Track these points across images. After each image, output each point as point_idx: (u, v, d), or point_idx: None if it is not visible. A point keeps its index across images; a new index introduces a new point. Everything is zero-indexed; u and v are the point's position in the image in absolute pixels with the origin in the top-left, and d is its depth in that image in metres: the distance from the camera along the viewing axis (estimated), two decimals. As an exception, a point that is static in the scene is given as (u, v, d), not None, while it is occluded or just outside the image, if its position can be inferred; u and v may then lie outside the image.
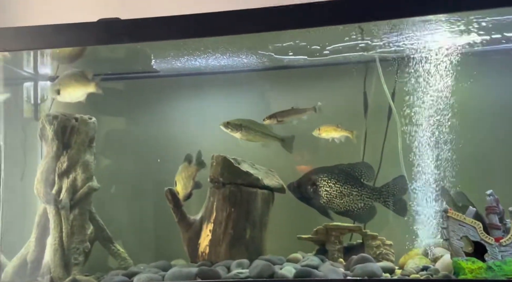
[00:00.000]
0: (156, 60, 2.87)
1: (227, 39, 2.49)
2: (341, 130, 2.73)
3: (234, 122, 2.71)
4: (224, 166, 2.55)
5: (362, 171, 2.66)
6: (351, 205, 2.65)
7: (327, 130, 2.72)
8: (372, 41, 2.58)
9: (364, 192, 2.64)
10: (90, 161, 2.68)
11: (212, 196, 2.59)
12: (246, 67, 2.97)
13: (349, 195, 2.64)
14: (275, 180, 2.69)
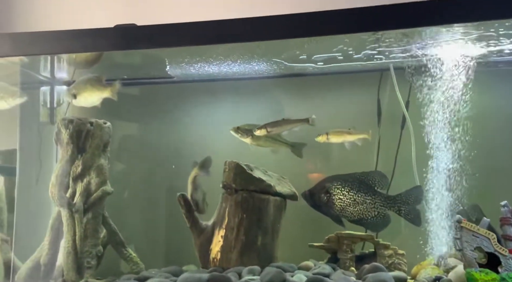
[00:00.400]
0: (171, 65, 2.88)
1: (241, 46, 2.49)
2: (355, 134, 2.68)
3: (244, 128, 2.70)
4: (236, 172, 2.54)
5: (376, 179, 2.64)
6: (365, 214, 2.64)
7: (337, 135, 2.69)
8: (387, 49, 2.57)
9: (378, 201, 2.62)
10: (104, 165, 2.68)
11: (224, 202, 2.58)
12: (259, 74, 2.98)
13: (363, 203, 2.62)
14: (288, 187, 2.67)
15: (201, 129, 3.11)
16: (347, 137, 2.69)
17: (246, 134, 2.69)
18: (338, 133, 2.69)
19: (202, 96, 3.11)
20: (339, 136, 2.69)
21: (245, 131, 2.69)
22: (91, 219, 2.61)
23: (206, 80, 3.07)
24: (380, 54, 2.63)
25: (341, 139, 2.69)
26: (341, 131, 2.69)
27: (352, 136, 2.68)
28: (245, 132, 2.69)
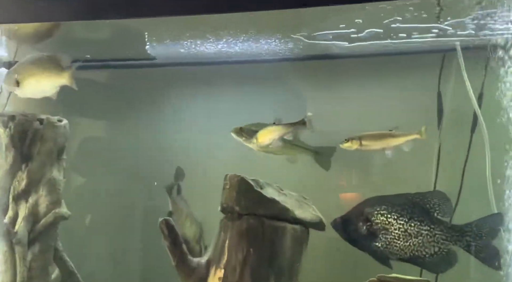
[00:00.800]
0: (152, 43, 2.86)
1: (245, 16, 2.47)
2: (400, 136, 2.65)
3: (249, 129, 2.70)
4: (240, 190, 2.39)
5: (436, 203, 2.57)
6: (420, 250, 2.56)
7: (374, 139, 2.67)
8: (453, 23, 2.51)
9: (439, 232, 2.54)
10: (58, 179, 2.64)
11: (223, 231, 2.44)
12: (271, 55, 2.97)
13: (417, 236, 2.56)
14: (311, 211, 2.53)
15: (193, 129, 3.11)
16: (390, 141, 2.67)
17: (252, 137, 2.67)
18: (376, 136, 2.67)
19: (194, 85, 3.12)
20: (377, 140, 2.67)
21: (251, 133, 2.68)
22: (39, 254, 2.58)
23: (200, 64, 3.08)
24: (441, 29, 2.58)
25: (380, 144, 2.67)
26: (379, 134, 2.67)
27: (396, 140, 2.66)
28: (251, 135, 2.68)
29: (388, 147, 2.66)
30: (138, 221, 3.08)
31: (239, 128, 2.70)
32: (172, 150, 3.13)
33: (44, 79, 2.61)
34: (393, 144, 2.66)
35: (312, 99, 3.01)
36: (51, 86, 2.62)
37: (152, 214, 2.64)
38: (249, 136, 2.68)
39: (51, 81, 2.61)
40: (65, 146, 2.67)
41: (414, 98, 2.93)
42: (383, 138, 2.67)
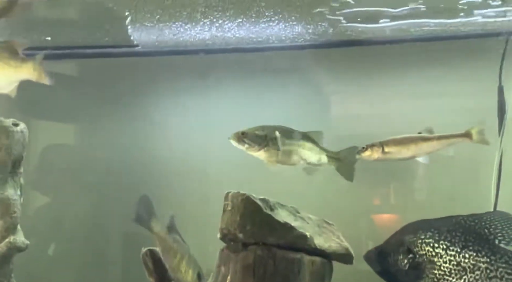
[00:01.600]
0: (135, 26, 2.87)
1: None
2: (440, 139, 2.65)
3: (253, 133, 2.70)
4: (246, 212, 2.34)
5: (497, 227, 2.54)
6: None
7: (402, 145, 2.68)
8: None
9: (503, 264, 2.49)
10: (14, 199, 2.58)
11: (224, 264, 2.39)
12: (288, 41, 2.99)
13: (474, 270, 2.51)
14: (335, 239, 2.48)
15: (185, 133, 3.17)
16: (421, 146, 2.67)
17: (258, 145, 2.67)
18: (402, 141, 2.69)
19: (187, 78, 3.15)
20: (405, 146, 2.69)
21: (256, 139, 2.68)
22: None
23: (192, 52, 3.11)
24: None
25: (411, 151, 2.69)
26: (407, 139, 2.68)
27: (429, 144, 2.67)
28: (256, 141, 2.67)
29: (419, 153, 2.67)
30: (116, 251, 3.13)
31: (240, 132, 2.69)
32: (159, 159, 3.17)
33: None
34: (425, 149, 2.66)
35: (338, 95, 3.07)
36: (7, 81, 2.58)
37: (134, 241, 2.65)
38: (254, 143, 2.69)
39: (7, 75, 2.58)
40: (23, 157, 2.63)
41: (467, 94, 2.98)
42: (412, 143, 2.67)
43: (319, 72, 3.12)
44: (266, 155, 2.71)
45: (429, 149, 2.69)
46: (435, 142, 2.69)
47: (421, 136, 2.69)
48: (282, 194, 2.49)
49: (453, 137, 2.69)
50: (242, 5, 2.64)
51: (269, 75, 3.12)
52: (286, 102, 3.10)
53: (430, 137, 2.69)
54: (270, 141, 2.71)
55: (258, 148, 2.69)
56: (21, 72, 2.59)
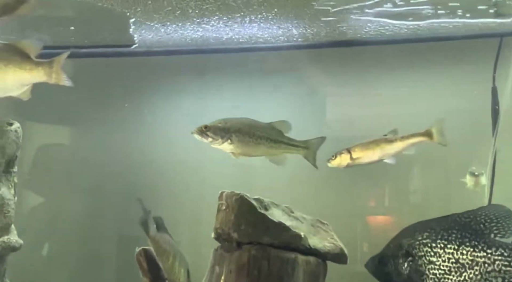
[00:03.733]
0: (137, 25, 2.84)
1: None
2: (402, 140, 2.64)
3: (216, 126, 2.67)
4: (240, 212, 2.30)
5: (492, 221, 2.51)
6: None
7: (368, 148, 2.66)
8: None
9: (499, 256, 2.46)
10: (8, 198, 2.54)
11: (218, 264, 2.34)
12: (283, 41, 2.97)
13: (473, 266, 2.49)
14: (329, 239, 2.44)
15: (180, 134, 3.05)
16: (386, 148, 2.66)
17: (221, 138, 2.64)
18: (369, 146, 2.68)
19: (182, 78, 3.13)
20: (372, 150, 2.67)
21: (219, 132, 2.65)
22: None
23: (190, 52, 3.08)
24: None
25: (377, 154, 2.67)
26: (372, 143, 2.67)
27: (395, 145, 2.65)
28: (219, 134, 2.64)
29: (385, 155, 2.66)
30: (110, 251, 3.15)
31: (203, 126, 2.65)
32: (153, 159, 3.18)
33: (7, 75, 2.48)
34: (390, 151, 2.66)
35: (332, 96, 3.06)
36: (19, 83, 2.49)
37: (128, 243, 2.61)
38: (217, 136, 2.66)
39: (20, 78, 2.48)
40: (17, 156, 2.57)
41: (461, 94, 2.95)
42: (377, 147, 2.66)
43: (313, 73, 3.10)
44: (230, 147, 2.68)
45: (394, 150, 2.67)
46: (398, 143, 2.67)
47: (385, 139, 2.68)
48: (276, 194, 2.46)
49: (414, 137, 2.66)
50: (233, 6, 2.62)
51: (264, 75, 3.11)
52: (281, 102, 3.08)
53: (393, 139, 2.67)
54: (233, 133, 2.68)
55: (221, 141, 2.66)
56: (36, 75, 2.50)
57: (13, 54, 2.49)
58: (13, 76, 2.49)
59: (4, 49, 2.50)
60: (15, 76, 2.49)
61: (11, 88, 2.50)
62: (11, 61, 2.48)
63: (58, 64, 2.52)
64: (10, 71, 2.48)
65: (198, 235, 2.65)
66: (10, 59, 2.48)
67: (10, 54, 2.49)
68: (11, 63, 2.48)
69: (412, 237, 2.58)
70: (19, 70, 2.49)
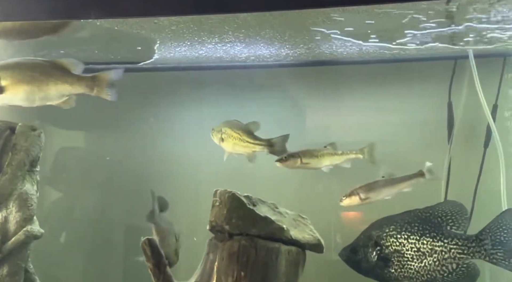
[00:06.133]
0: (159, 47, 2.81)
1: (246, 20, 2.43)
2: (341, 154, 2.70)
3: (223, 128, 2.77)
4: (231, 207, 2.34)
5: (448, 214, 2.54)
6: (437, 269, 2.52)
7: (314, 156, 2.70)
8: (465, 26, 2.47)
9: (454, 245, 2.49)
10: (31, 193, 2.58)
11: (212, 252, 2.39)
12: (266, 60, 2.97)
13: (432, 254, 2.51)
14: (308, 231, 2.47)
15: (181, 140, 3.12)
16: (328, 159, 2.71)
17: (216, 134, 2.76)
18: (316, 154, 2.71)
19: (183, 91, 3.11)
20: (318, 158, 2.71)
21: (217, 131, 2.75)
22: (7, 277, 2.54)
23: (189, 68, 3.07)
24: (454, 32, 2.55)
25: (321, 163, 2.71)
26: (318, 152, 2.71)
27: (335, 158, 2.71)
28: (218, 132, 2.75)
29: (326, 165, 2.70)
30: (119, 240, 3.05)
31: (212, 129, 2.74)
32: (158, 161, 3.10)
33: (50, 87, 2.51)
34: (330, 162, 2.69)
35: (312, 108, 3.01)
36: (59, 94, 2.51)
37: (135, 232, 2.58)
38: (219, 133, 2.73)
39: (60, 90, 2.51)
40: (39, 157, 2.62)
41: (422, 108, 2.92)
42: (323, 156, 2.70)
43: (295, 88, 3.07)
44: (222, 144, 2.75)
45: (333, 162, 2.70)
46: (337, 157, 2.70)
47: (329, 152, 2.70)
48: (264, 192, 2.47)
49: (349, 154, 2.70)
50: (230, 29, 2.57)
51: (254, 89, 3.09)
52: (269, 112, 3.04)
53: (334, 153, 2.70)
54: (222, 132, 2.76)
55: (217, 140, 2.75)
56: (77, 88, 2.53)
57: (53, 68, 2.52)
58: (54, 87, 2.52)
59: (46, 64, 2.53)
60: (56, 87, 2.52)
61: (52, 98, 2.52)
62: (52, 74, 2.51)
63: (102, 79, 2.54)
64: (51, 83, 2.51)
65: (196, 227, 2.58)
66: (51, 73, 2.51)
67: (51, 68, 2.52)
68: (52, 76, 2.51)
69: (380, 230, 2.58)
70: (60, 83, 2.52)
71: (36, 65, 2.53)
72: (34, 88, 2.52)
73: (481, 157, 2.79)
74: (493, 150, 2.74)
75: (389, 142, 2.78)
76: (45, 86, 2.52)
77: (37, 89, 2.51)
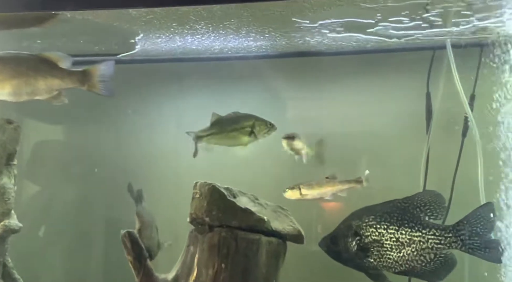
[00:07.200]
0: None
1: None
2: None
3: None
4: (212, 199, 2.34)
5: (426, 204, 2.53)
6: (415, 259, 2.51)
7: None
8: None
9: (432, 236, 2.49)
10: (8, 187, 2.57)
11: (192, 244, 2.39)
12: (246, 52, 2.93)
13: (410, 244, 2.51)
14: (289, 222, 2.48)
15: (161, 132, 3.10)
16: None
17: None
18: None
19: (162, 83, 3.10)
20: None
21: None
22: None
23: (168, 60, 3.04)
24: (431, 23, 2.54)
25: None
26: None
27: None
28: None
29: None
30: (99, 233, 3.03)
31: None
32: (137, 154, 3.10)
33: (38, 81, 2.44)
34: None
35: (292, 100, 3.01)
36: (48, 89, 2.45)
37: (114, 225, 2.57)
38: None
39: (49, 84, 2.44)
40: (16, 151, 2.59)
41: (400, 99, 2.93)
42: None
43: (276, 79, 3.05)
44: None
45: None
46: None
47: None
48: (244, 184, 2.48)
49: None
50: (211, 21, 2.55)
51: (234, 80, 3.08)
52: (249, 104, 2.98)
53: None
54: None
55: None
56: (67, 82, 2.46)
57: (42, 63, 2.45)
58: (43, 82, 2.45)
59: (34, 58, 2.45)
60: (45, 82, 2.45)
61: (40, 92, 2.46)
62: (41, 69, 2.45)
63: (93, 73, 2.48)
64: (40, 78, 2.44)
65: (176, 220, 2.54)
66: (39, 67, 2.45)
67: (39, 63, 2.45)
68: (40, 70, 2.45)
69: (360, 220, 2.58)
70: (49, 77, 2.45)
71: (23, 59, 2.46)
72: (21, 83, 2.44)
73: (460, 145, 2.78)
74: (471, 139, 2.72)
75: (368, 132, 2.77)
76: (33, 80, 2.45)
77: (24, 83, 2.44)
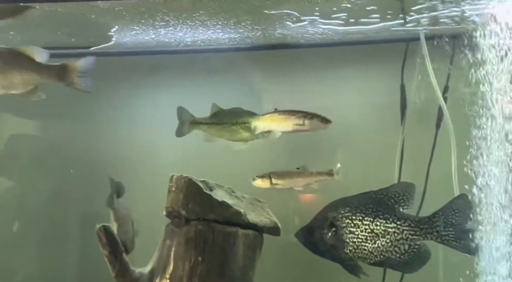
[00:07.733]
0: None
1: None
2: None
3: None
4: (188, 192, 2.32)
5: (400, 195, 2.55)
6: (390, 250, 2.54)
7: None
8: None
9: (407, 227, 2.51)
10: None
11: (169, 238, 2.35)
12: (222, 44, 2.93)
13: (385, 235, 2.53)
14: (265, 215, 2.45)
15: (137, 126, 3.08)
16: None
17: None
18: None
19: (137, 76, 3.06)
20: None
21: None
22: None
23: (143, 53, 3.02)
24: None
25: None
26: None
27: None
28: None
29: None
30: (74, 228, 3.03)
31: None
32: (113, 148, 3.09)
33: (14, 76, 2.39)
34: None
35: (268, 92, 3.00)
36: (24, 83, 2.41)
37: (91, 219, 2.47)
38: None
39: (25, 79, 2.40)
40: None
41: (375, 90, 2.94)
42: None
43: (251, 71, 3.05)
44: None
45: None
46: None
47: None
48: (220, 177, 2.46)
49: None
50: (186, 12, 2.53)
51: (210, 73, 3.05)
52: (226, 97, 2.96)
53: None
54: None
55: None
56: (45, 77, 2.42)
57: (18, 56, 2.40)
58: (19, 76, 2.40)
59: (7, 52, 2.40)
60: (21, 76, 2.40)
61: (16, 86, 2.41)
62: (16, 62, 2.40)
63: (73, 68, 2.43)
64: (15, 72, 2.39)
65: (153, 213, 2.49)
66: (14, 61, 2.39)
67: (14, 56, 2.39)
68: (16, 64, 2.39)
69: (336, 211, 2.59)
70: (25, 71, 2.40)
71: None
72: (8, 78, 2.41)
73: (433, 137, 2.79)
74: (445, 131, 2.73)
75: (344, 124, 2.75)
76: (8, 74, 2.40)
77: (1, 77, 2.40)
